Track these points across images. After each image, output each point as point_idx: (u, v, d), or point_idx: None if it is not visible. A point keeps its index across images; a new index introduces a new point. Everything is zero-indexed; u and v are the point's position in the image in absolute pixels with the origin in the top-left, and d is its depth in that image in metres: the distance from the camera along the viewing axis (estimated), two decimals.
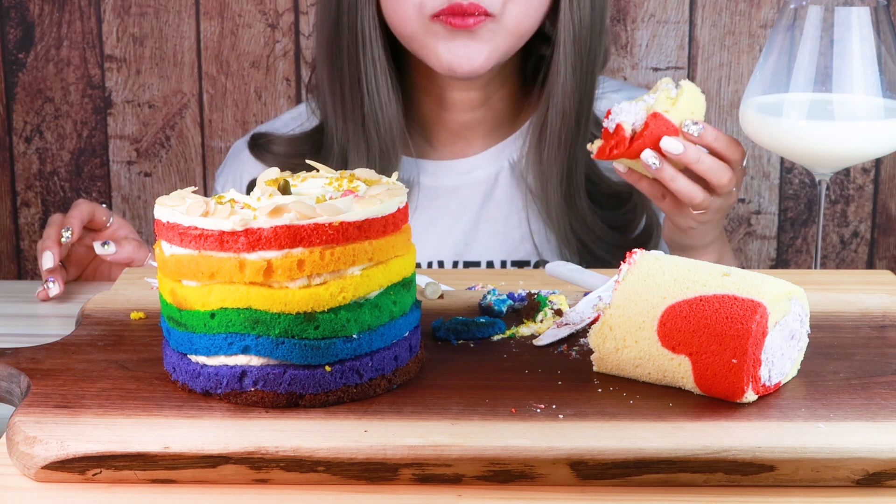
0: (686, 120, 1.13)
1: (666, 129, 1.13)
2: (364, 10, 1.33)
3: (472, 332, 0.93)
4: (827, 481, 0.75)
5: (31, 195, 2.00)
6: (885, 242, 2.00)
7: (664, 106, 1.12)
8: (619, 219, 1.41)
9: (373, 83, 1.34)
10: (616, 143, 1.13)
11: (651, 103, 1.13)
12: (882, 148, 1.15)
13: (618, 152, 1.13)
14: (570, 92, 1.34)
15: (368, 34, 1.33)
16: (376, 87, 1.35)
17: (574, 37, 1.33)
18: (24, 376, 0.86)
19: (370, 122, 1.35)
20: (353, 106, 1.36)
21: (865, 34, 1.12)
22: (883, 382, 0.84)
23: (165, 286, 0.84)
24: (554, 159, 1.36)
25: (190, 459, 0.75)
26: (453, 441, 0.75)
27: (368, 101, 1.35)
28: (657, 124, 1.12)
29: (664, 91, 1.13)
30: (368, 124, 1.36)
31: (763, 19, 1.91)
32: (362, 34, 1.33)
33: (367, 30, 1.33)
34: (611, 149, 1.13)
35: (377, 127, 1.36)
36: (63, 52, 1.94)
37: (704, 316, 0.81)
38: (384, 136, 1.36)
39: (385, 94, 1.35)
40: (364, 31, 1.33)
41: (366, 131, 1.36)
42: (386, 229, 0.82)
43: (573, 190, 1.38)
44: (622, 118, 1.13)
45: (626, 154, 1.13)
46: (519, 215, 1.42)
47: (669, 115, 1.12)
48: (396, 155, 1.38)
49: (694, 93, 1.14)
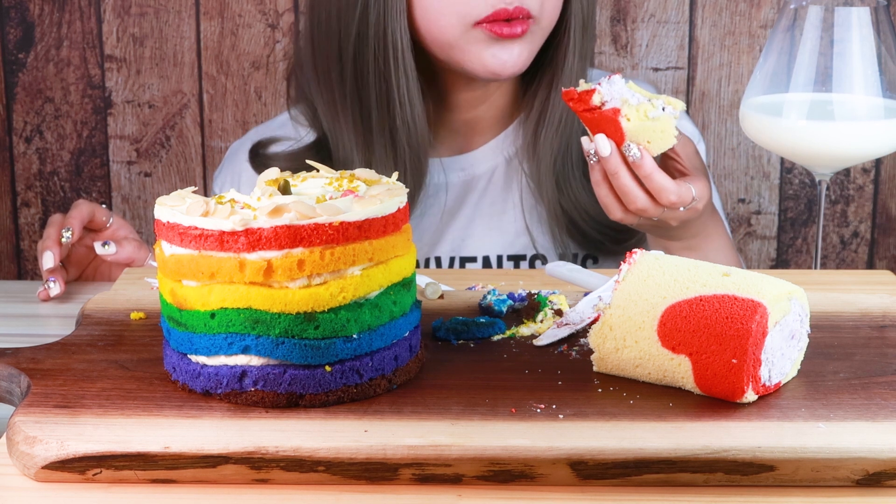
0: (632, 142, 1.10)
1: (614, 129, 1.10)
2: (395, 22, 1.29)
3: (472, 332, 0.93)
4: (827, 481, 0.75)
5: (31, 195, 2.00)
6: (885, 242, 2.00)
7: (632, 115, 1.09)
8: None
9: (405, 95, 1.31)
10: (578, 98, 1.11)
11: (632, 102, 1.10)
12: (882, 148, 1.15)
13: (572, 105, 1.11)
14: (575, 76, 1.35)
15: (400, 46, 1.30)
16: (408, 99, 1.32)
17: (583, 24, 1.35)
18: (24, 376, 0.86)
19: (402, 134, 1.33)
20: (381, 119, 1.33)
21: (865, 34, 1.12)
22: (883, 382, 0.84)
23: (165, 286, 0.84)
24: (550, 142, 1.37)
25: (190, 459, 0.75)
26: (453, 441, 0.75)
27: (401, 113, 1.32)
28: (611, 120, 1.10)
29: (649, 105, 1.10)
30: (400, 136, 1.33)
31: (763, 19, 1.91)
32: (393, 46, 1.30)
33: (399, 42, 1.30)
34: (573, 98, 1.11)
35: (409, 137, 1.33)
36: (63, 52, 1.94)
37: (704, 316, 0.81)
38: (416, 146, 1.34)
39: (417, 105, 1.32)
40: (396, 43, 1.30)
41: (395, 143, 1.34)
42: (386, 229, 0.82)
43: (567, 171, 1.38)
44: (603, 89, 1.10)
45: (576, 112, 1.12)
46: (515, 210, 1.42)
47: (628, 123, 1.09)
48: (426, 162, 1.36)
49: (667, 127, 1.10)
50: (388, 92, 1.32)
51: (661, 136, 1.11)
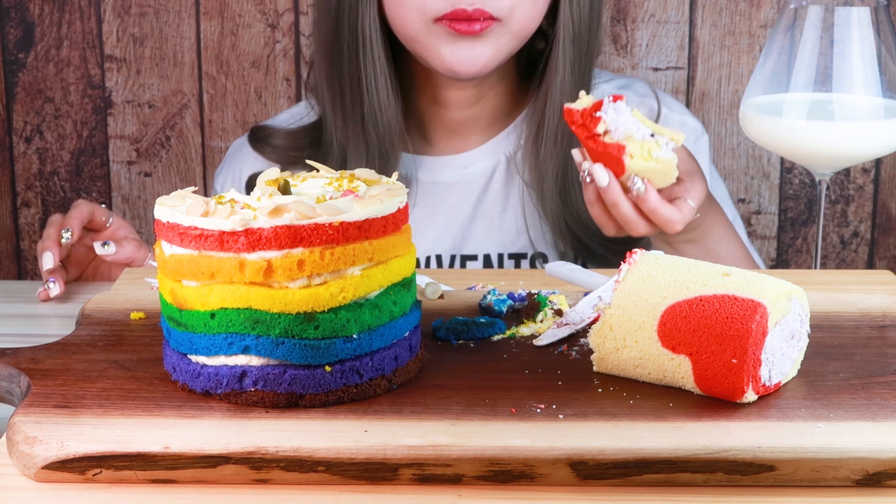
0: (636, 176, 1.10)
1: (616, 164, 1.10)
2: (365, 11, 1.32)
3: (472, 332, 0.93)
4: (827, 481, 0.75)
5: (31, 195, 2.00)
6: (885, 242, 2.00)
7: (636, 152, 1.08)
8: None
9: (372, 84, 1.34)
10: (582, 122, 1.09)
11: (636, 138, 1.08)
12: (882, 148, 1.15)
13: (574, 128, 1.10)
14: (569, 89, 1.34)
15: (369, 35, 1.33)
16: (376, 88, 1.34)
17: (574, 35, 1.33)
18: (24, 376, 0.86)
19: (370, 123, 1.35)
20: (353, 105, 1.36)
21: (865, 34, 1.12)
22: (883, 382, 0.84)
23: (165, 286, 0.84)
24: (550, 155, 1.37)
25: (190, 459, 0.75)
26: (453, 441, 0.75)
27: (368, 102, 1.35)
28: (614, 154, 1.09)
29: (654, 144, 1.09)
30: (368, 124, 1.35)
31: (763, 19, 1.91)
32: (363, 35, 1.33)
33: (368, 31, 1.33)
34: (575, 122, 1.10)
35: (376, 127, 1.35)
36: (63, 52, 1.94)
37: (704, 316, 0.81)
38: (383, 137, 1.36)
39: (385, 95, 1.35)
40: (365, 31, 1.33)
41: (365, 131, 1.36)
42: (386, 229, 0.82)
43: (568, 185, 1.38)
44: (608, 117, 1.08)
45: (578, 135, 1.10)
46: (515, 209, 1.42)
47: (631, 160, 1.09)
48: (395, 154, 1.38)
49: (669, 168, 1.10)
50: (360, 79, 1.35)
51: (664, 176, 1.11)
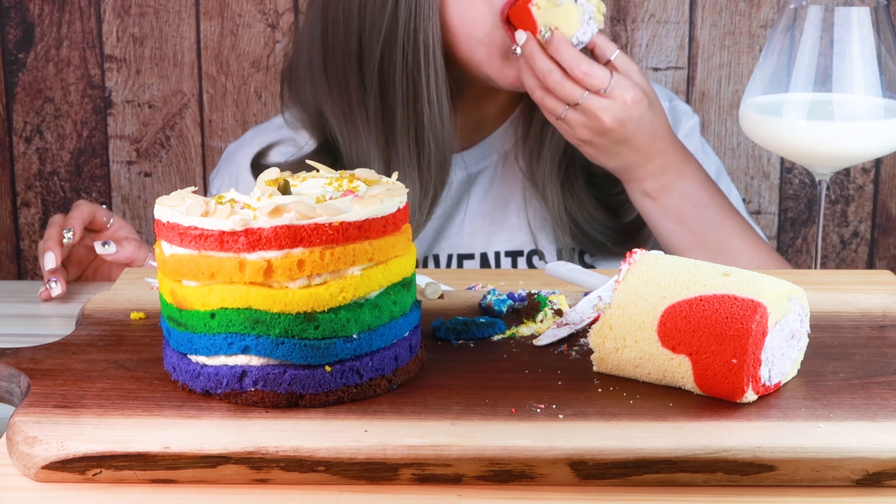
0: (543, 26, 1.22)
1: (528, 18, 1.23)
2: (428, 18, 1.28)
3: (472, 332, 0.93)
4: (827, 481, 0.75)
5: (31, 195, 2.00)
6: (885, 242, 2.00)
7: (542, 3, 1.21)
8: (611, 200, 1.41)
9: (433, 93, 1.30)
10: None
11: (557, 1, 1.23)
12: (882, 148, 1.15)
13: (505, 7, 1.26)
14: None
15: (431, 44, 1.29)
16: (437, 97, 1.30)
17: None
18: (24, 376, 0.86)
19: (429, 133, 1.31)
20: (406, 118, 1.31)
21: (865, 34, 1.12)
22: (883, 382, 0.84)
23: (165, 286, 0.84)
24: (549, 143, 1.37)
25: (190, 459, 0.75)
26: (453, 441, 0.75)
27: (429, 112, 1.31)
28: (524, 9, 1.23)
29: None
30: (426, 135, 1.32)
31: (763, 19, 1.91)
32: (424, 44, 1.29)
33: (431, 39, 1.29)
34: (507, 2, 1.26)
35: (435, 136, 1.32)
36: (63, 52, 1.94)
37: (704, 316, 0.81)
38: (441, 145, 1.32)
39: (445, 104, 1.31)
40: (427, 40, 1.29)
41: (420, 142, 1.32)
42: (386, 229, 0.82)
43: (570, 171, 1.38)
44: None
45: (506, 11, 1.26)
46: (514, 204, 1.42)
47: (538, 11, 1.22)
48: (451, 159, 1.35)
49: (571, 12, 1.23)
50: (416, 91, 1.30)
51: (567, 20, 1.22)
